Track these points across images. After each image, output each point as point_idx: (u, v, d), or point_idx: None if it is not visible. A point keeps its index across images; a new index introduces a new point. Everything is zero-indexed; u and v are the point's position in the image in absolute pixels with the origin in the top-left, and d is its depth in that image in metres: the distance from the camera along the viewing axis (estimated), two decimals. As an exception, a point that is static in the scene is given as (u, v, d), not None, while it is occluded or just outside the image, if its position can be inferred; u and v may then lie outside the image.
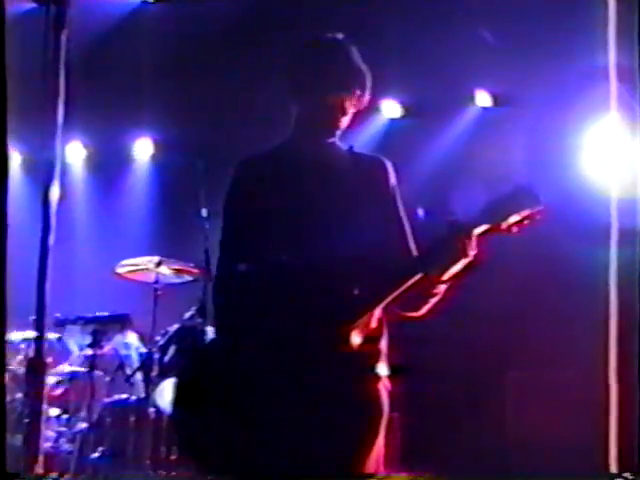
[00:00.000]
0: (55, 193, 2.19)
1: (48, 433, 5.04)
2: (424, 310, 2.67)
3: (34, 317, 5.23)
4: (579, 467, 4.85)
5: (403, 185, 2.79)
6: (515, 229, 2.53)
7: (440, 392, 5.79)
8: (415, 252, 2.71)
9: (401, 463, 2.91)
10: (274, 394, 2.54)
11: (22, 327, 5.41)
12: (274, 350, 2.58)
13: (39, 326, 2.15)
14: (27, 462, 2.09)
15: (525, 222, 2.53)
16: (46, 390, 2.16)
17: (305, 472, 2.50)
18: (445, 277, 2.56)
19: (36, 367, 2.15)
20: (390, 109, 6.55)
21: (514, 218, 2.51)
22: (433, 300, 2.65)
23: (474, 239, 2.51)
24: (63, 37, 2.24)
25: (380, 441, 2.60)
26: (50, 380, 5.20)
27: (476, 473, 5.31)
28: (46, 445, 2.46)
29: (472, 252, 2.52)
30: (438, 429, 5.69)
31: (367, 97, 2.75)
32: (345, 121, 2.75)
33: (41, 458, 2.11)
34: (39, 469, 2.07)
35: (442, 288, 2.62)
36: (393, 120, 6.57)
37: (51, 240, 2.16)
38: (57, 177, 2.20)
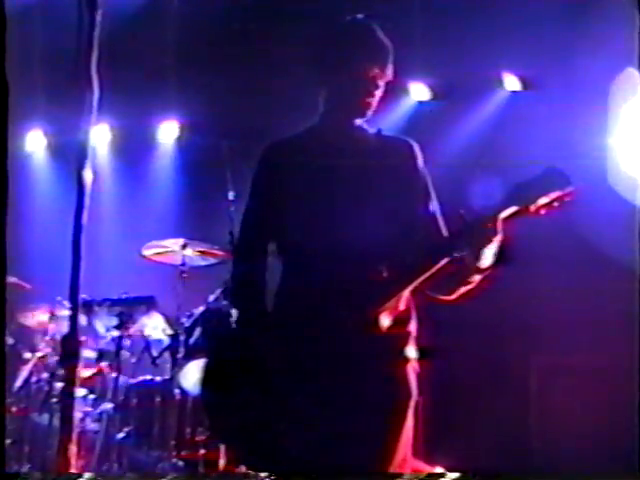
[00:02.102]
0: (89, 174, 2.19)
1: (75, 413, 5.08)
2: (456, 295, 2.65)
3: (60, 298, 5.34)
4: (606, 456, 4.81)
5: (430, 168, 2.78)
6: (544, 211, 2.49)
7: (464, 376, 5.77)
8: (445, 234, 2.69)
9: (425, 447, 2.90)
10: (302, 377, 2.55)
11: (50, 307, 5.49)
12: (301, 333, 2.58)
13: (73, 305, 2.16)
14: (61, 441, 2.10)
15: (554, 204, 2.48)
16: (79, 368, 2.18)
17: (334, 454, 2.49)
18: (480, 264, 2.52)
19: (70, 345, 2.16)
20: (418, 92, 6.51)
21: (543, 200, 2.46)
22: (467, 288, 2.62)
23: (500, 222, 2.48)
24: (97, 17, 2.23)
25: (409, 424, 2.59)
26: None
27: (499, 460, 5.30)
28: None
29: (499, 236, 2.48)
30: (461, 414, 5.68)
31: (391, 72, 2.73)
32: (374, 100, 2.73)
33: (75, 437, 2.12)
34: (73, 447, 2.08)
35: (477, 278, 2.58)
36: (421, 103, 6.54)
37: (84, 221, 2.16)
38: (91, 158, 2.20)
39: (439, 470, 4.91)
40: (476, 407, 5.74)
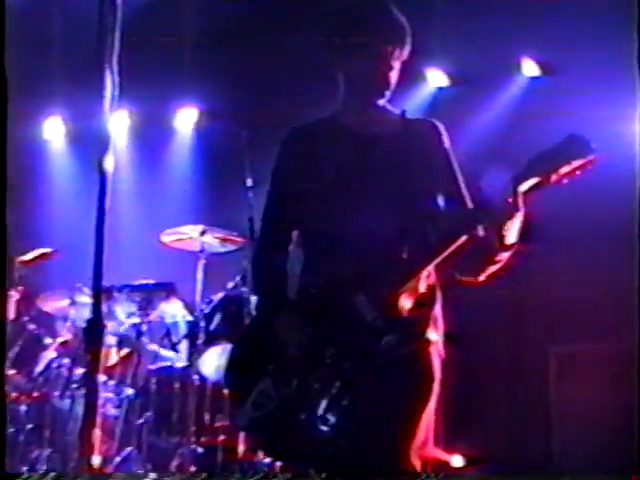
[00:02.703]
0: (110, 161, 2.20)
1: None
2: (483, 276, 2.63)
3: (80, 284, 5.36)
4: (628, 446, 4.78)
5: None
6: (566, 180, 2.41)
7: (483, 361, 5.75)
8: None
9: (443, 435, 2.89)
10: (323, 362, 2.54)
11: (71, 294, 5.52)
12: (322, 318, 2.58)
13: (96, 290, 2.17)
14: (85, 425, 2.11)
15: (577, 172, 2.39)
16: (103, 353, 2.20)
17: (355, 439, 2.48)
18: (505, 241, 2.48)
19: (94, 331, 2.18)
20: (437, 78, 6.48)
21: (565, 169, 2.39)
22: (493, 267, 2.59)
23: (521, 196, 2.42)
24: (119, 2, 2.23)
25: (431, 408, 2.58)
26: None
27: (517, 448, 5.29)
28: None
29: (521, 211, 2.44)
30: (480, 400, 5.67)
31: (407, 52, 2.71)
32: (392, 79, 2.71)
33: (99, 421, 2.14)
34: (97, 432, 2.09)
35: (504, 256, 2.54)
36: (440, 89, 6.51)
37: (107, 207, 2.17)
38: (112, 145, 2.20)
39: (457, 458, 4.92)
40: (495, 394, 5.73)
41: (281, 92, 6.36)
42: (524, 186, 2.42)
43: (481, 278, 2.63)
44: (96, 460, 2.54)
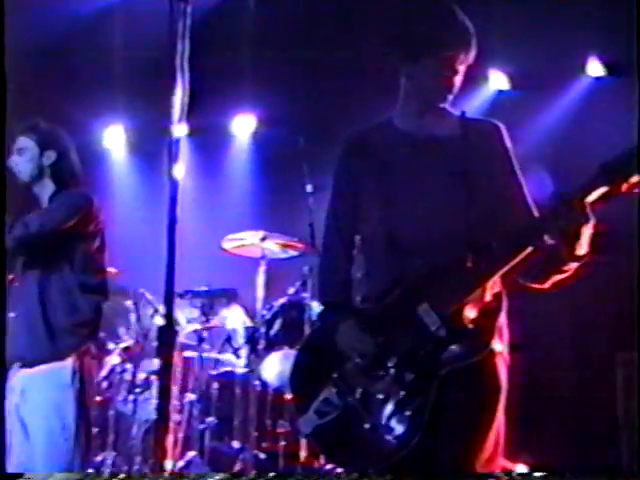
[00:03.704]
0: (180, 169, 2.22)
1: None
2: (549, 283, 2.56)
3: (142, 289, 5.41)
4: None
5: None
6: (638, 190, 2.31)
7: (548, 369, 5.65)
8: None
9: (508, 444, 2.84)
10: (386, 371, 2.52)
11: (133, 300, 5.58)
12: (385, 326, 2.56)
13: (168, 296, 2.19)
14: (159, 430, 2.13)
15: None
16: (175, 359, 2.23)
17: (420, 451, 2.45)
18: (575, 252, 2.41)
19: (166, 335, 2.20)
20: (497, 80, 6.40)
21: (636, 178, 2.29)
22: (561, 276, 2.53)
23: (589, 206, 2.35)
24: (188, 9, 2.25)
25: (499, 419, 2.54)
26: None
27: (584, 458, 5.17)
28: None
29: (590, 218, 2.36)
30: (545, 409, 5.57)
31: (473, 56, 2.67)
32: (456, 83, 2.67)
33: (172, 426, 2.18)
34: (170, 437, 2.12)
35: (573, 266, 2.48)
36: (500, 92, 6.43)
37: (178, 216, 2.19)
38: (180, 154, 2.22)
39: (521, 467, 4.83)
40: (560, 402, 5.62)
41: (340, 96, 6.35)
42: (593, 195, 2.35)
43: (546, 285, 2.58)
44: (168, 464, 2.58)
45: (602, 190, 2.35)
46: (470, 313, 2.48)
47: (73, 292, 3.67)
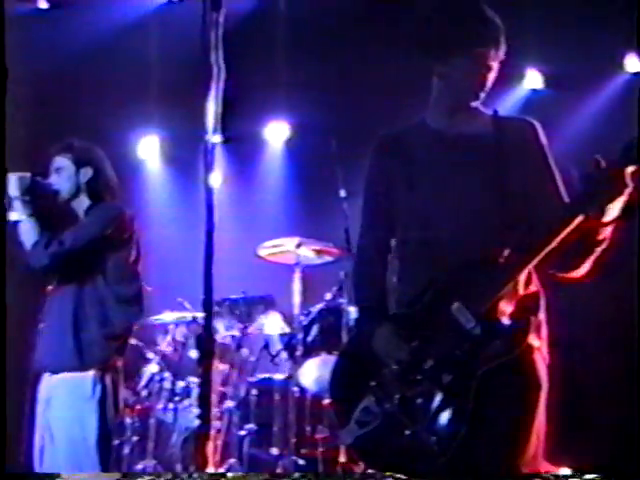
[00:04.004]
0: (217, 178, 2.24)
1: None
2: (584, 269, 2.51)
3: (181, 299, 5.44)
4: None
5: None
6: None
7: (589, 367, 5.57)
8: None
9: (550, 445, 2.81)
10: (424, 375, 2.51)
11: (171, 308, 5.62)
12: (420, 329, 2.54)
13: (207, 305, 2.21)
14: (200, 438, 2.14)
15: None
16: (215, 367, 2.25)
17: (462, 454, 2.43)
18: (605, 218, 2.38)
19: (206, 344, 2.22)
20: (532, 79, 6.35)
21: None
22: (597, 250, 2.47)
23: (628, 175, 2.32)
24: (220, 19, 2.26)
25: (540, 418, 2.51)
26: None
27: (628, 461, 5.09)
28: (196, 422, 2.56)
29: (629, 188, 2.33)
30: (587, 409, 5.50)
31: (503, 52, 2.66)
32: (488, 81, 2.67)
33: (213, 433, 2.19)
34: (211, 444, 2.13)
35: (606, 233, 2.43)
36: (535, 91, 6.38)
37: (215, 223, 2.21)
38: (216, 163, 2.24)
39: (565, 471, 4.76)
40: (603, 402, 5.54)
41: (371, 102, 6.34)
42: (629, 168, 2.32)
43: (582, 271, 2.52)
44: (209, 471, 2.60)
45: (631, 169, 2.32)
46: (506, 309, 2.46)
47: (107, 304, 3.72)
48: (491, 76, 2.67)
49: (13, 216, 3.72)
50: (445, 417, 2.44)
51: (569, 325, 4.43)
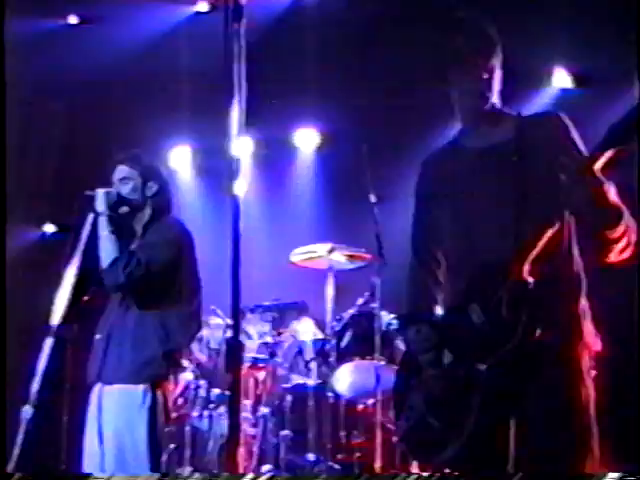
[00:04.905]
0: (241, 186, 2.26)
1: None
2: (613, 256, 2.50)
3: (213, 307, 5.48)
4: None
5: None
6: None
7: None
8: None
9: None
10: (446, 371, 2.56)
11: (204, 316, 5.65)
12: (472, 341, 2.57)
13: (235, 312, 2.23)
14: (229, 444, 2.18)
15: None
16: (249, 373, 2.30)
17: (519, 457, 2.48)
18: (608, 215, 2.42)
19: (235, 351, 2.25)
20: (561, 79, 6.31)
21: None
22: (618, 245, 2.48)
23: (597, 170, 2.36)
24: (242, 29, 2.29)
25: (590, 421, 2.51)
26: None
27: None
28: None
29: (602, 183, 2.38)
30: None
31: (496, 55, 2.74)
32: (493, 84, 2.73)
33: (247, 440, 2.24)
34: (241, 451, 2.17)
35: (619, 229, 2.44)
36: (564, 90, 6.34)
37: (244, 231, 2.24)
38: (242, 170, 2.27)
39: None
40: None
41: (400, 107, 6.34)
42: (600, 161, 2.34)
43: (612, 259, 2.51)
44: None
45: (609, 153, 2.34)
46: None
47: (168, 322, 3.75)
48: (494, 79, 2.72)
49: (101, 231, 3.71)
50: (477, 413, 2.48)
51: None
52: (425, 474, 2.80)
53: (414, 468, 4.25)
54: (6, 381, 4.75)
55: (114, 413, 3.67)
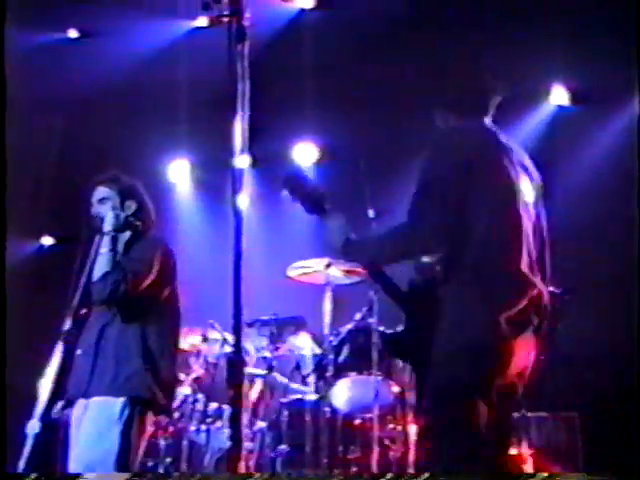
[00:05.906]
0: (244, 200, 2.28)
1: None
2: None
3: (212, 321, 5.47)
4: None
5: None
6: None
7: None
8: None
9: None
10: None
11: (202, 330, 5.65)
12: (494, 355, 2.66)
13: (236, 327, 2.24)
14: (231, 460, 2.18)
15: None
16: (246, 388, 2.29)
17: None
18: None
19: (235, 365, 2.25)
20: (558, 96, 6.34)
21: None
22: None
23: None
24: (245, 50, 2.31)
25: None
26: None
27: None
28: (229, 444, 2.58)
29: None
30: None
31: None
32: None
33: (244, 454, 2.24)
34: (242, 465, 2.17)
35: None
36: (561, 107, 6.36)
37: (243, 245, 2.25)
38: (245, 185, 2.28)
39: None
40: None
41: (398, 122, 6.36)
42: None
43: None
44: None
45: None
46: None
47: (149, 338, 3.77)
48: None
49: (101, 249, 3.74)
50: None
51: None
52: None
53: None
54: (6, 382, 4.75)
55: (90, 421, 3.68)
